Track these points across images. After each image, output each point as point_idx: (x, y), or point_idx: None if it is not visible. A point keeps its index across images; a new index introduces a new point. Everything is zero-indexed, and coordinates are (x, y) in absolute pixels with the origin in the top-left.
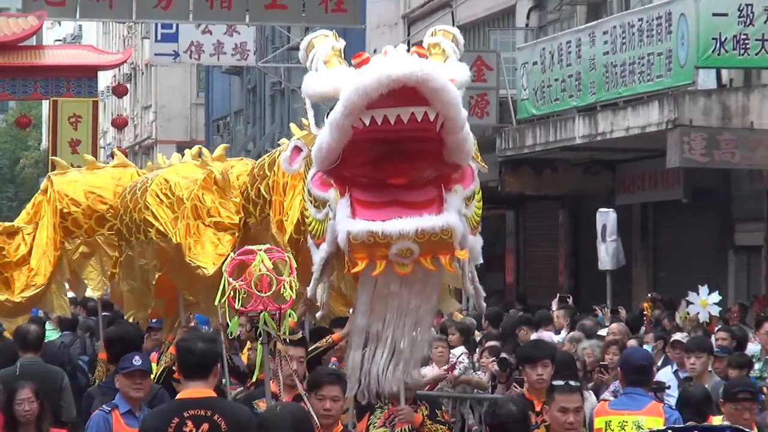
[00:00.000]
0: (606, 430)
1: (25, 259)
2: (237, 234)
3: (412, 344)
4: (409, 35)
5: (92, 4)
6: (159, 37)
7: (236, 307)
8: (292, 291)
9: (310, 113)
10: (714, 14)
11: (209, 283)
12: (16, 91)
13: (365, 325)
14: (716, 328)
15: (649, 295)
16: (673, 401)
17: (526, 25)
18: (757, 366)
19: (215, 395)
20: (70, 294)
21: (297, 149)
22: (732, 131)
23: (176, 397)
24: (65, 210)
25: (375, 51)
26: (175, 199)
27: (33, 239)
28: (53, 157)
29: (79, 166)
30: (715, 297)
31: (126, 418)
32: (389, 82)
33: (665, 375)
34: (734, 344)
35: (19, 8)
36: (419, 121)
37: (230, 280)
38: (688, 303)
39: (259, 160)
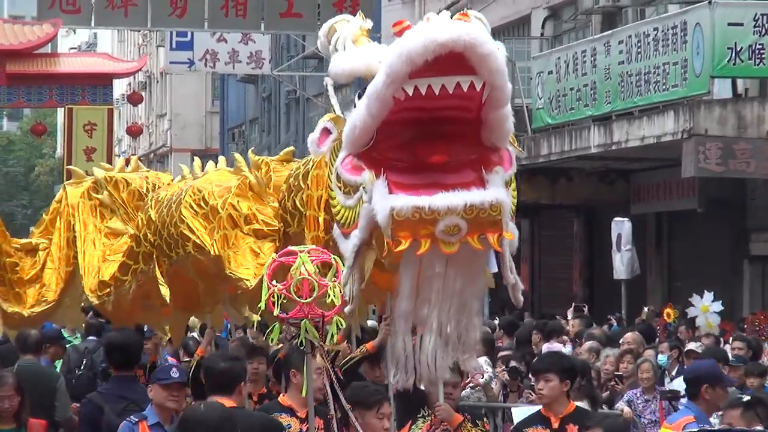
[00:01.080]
0: None
1: (39, 276)
2: (278, 242)
3: (459, 329)
4: None
5: (107, 12)
6: (174, 45)
7: (275, 313)
8: (335, 297)
9: (333, 98)
10: (729, 24)
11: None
12: (32, 99)
13: (410, 310)
14: (731, 338)
15: (645, 308)
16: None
17: (541, 34)
18: None
19: (234, 406)
20: None
21: (326, 131)
22: (747, 141)
23: None
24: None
25: None
26: (209, 209)
27: (47, 254)
28: (69, 167)
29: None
30: (718, 306)
31: (154, 430)
32: (435, 46)
33: (679, 384)
34: (750, 354)
35: (35, 16)
36: (465, 90)
37: (270, 284)
38: (690, 305)
39: (295, 168)
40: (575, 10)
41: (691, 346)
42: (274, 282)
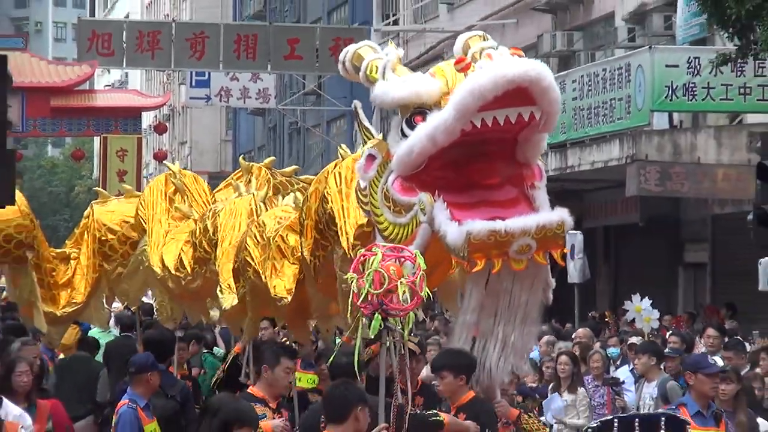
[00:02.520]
0: None
1: (70, 281)
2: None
3: (521, 338)
4: None
5: (137, 54)
6: (193, 83)
7: (358, 302)
8: (407, 294)
9: (366, 121)
10: (666, 65)
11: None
12: (72, 129)
13: (474, 322)
14: (668, 333)
15: (590, 313)
16: (630, 395)
17: None
18: None
19: None
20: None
21: (371, 157)
22: (682, 165)
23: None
24: (103, 238)
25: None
26: (266, 242)
27: (77, 262)
28: (97, 188)
29: (122, 194)
30: (647, 303)
31: (145, 411)
32: (504, 82)
33: (623, 372)
34: (684, 347)
35: (75, 58)
36: (526, 120)
37: (349, 275)
38: (625, 311)
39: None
40: (536, 54)
41: (633, 339)
42: (350, 274)
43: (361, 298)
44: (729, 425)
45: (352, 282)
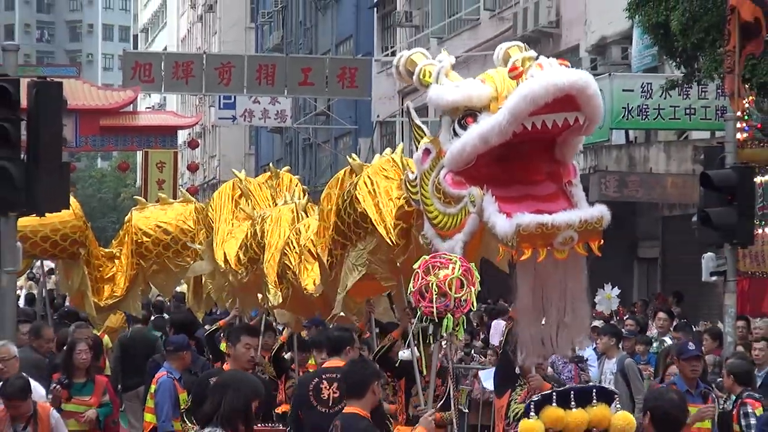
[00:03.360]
0: None
1: (113, 277)
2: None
3: (575, 317)
4: (402, 104)
5: (173, 81)
6: (221, 106)
7: (429, 304)
8: (473, 298)
9: (418, 120)
10: (623, 90)
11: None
12: (118, 144)
13: (530, 305)
14: (625, 317)
15: None
16: (594, 371)
17: None
18: (654, 345)
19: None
20: None
21: (427, 151)
22: (637, 175)
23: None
24: (139, 240)
25: (378, 116)
26: (300, 248)
27: (119, 261)
28: (136, 197)
29: (158, 200)
30: (616, 292)
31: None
32: (555, 90)
33: (587, 351)
34: (638, 329)
35: (120, 84)
36: (571, 124)
37: (425, 278)
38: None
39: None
40: None
41: (596, 323)
42: (427, 278)
43: (435, 300)
44: (717, 401)
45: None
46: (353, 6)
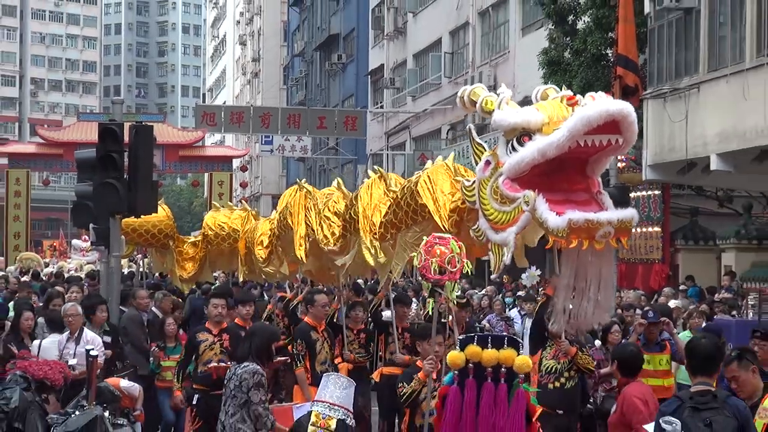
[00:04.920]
0: None
1: (193, 257)
2: (341, 237)
3: (605, 296)
4: (388, 142)
5: (230, 125)
6: (263, 142)
7: (431, 276)
8: (469, 269)
9: (478, 138)
10: None
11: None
12: (191, 168)
13: (570, 284)
14: (540, 289)
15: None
16: (518, 326)
17: (446, 136)
18: None
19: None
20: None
21: (488, 162)
22: None
23: None
24: (206, 233)
25: (370, 149)
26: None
27: (198, 247)
28: (213, 202)
29: (223, 206)
30: (538, 271)
31: None
32: (607, 116)
33: (514, 312)
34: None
35: (193, 127)
36: (613, 144)
37: (428, 256)
38: (518, 276)
39: (352, 195)
40: (463, 126)
41: (520, 293)
42: (427, 256)
43: (434, 272)
44: (674, 347)
45: (432, 265)
46: (354, 74)
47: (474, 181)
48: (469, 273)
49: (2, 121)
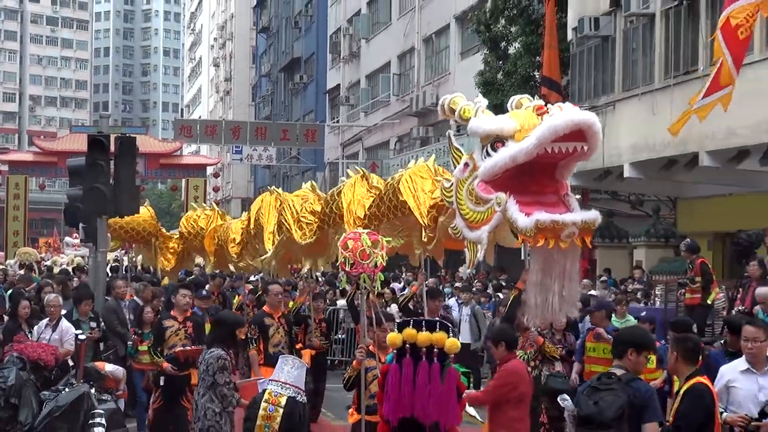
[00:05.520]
0: None
1: (175, 251)
2: (318, 230)
3: (570, 291)
4: (343, 152)
5: (204, 137)
6: (233, 152)
7: (346, 269)
8: (382, 260)
9: (456, 143)
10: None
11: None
12: (170, 175)
13: (539, 281)
14: (475, 281)
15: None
16: (455, 314)
17: (394, 147)
18: (493, 299)
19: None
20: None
21: (466, 165)
22: None
23: None
24: (182, 231)
25: (328, 159)
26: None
27: (177, 242)
28: (192, 204)
29: (198, 208)
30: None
31: None
32: (573, 124)
33: (452, 302)
34: (484, 288)
35: (172, 138)
36: (578, 151)
37: (342, 252)
38: (456, 270)
39: (329, 193)
40: (409, 137)
41: (458, 284)
42: (342, 251)
43: (348, 266)
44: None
45: (344, 259)
46: (314, 93)
47: (452, 183)
48: (382, 263)
49: (3, 132)
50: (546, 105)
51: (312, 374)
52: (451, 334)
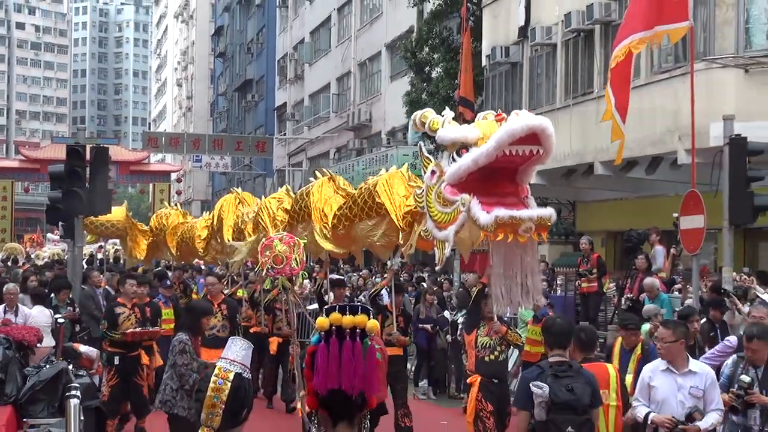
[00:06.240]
0: None
1: (147, 244)
2: (288, 227)
3: (533, 282)
4: (289, 161)
5: (169, 147)
6: (194, 160)
7: (265, 271)
8: (297, 263)
9: (426, 152)
10: (403, 155)
11: None
12: (140, 180)
13: (501, 273)
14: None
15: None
16: (386, 300)
17: (333, 157)
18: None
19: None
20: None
21: (434, 172)
22: None
23: None
24: (152, 227)
25: (276, 167)
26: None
27: (150, 236)
28: (166, 205)
29: (168, 207)
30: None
31: None
32: (528, 128)
33: (383, 291)
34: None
35: (141, 148)
36: (534, 154)
37: (262, 255)
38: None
39: (299, 192)
40: (346, 148)
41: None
42: (260, 256)
43: (268, 269)
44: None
45: (266, 259)
46: (264, 110)
47: (423, 189)
48: (298, 263)
49: None
50: (503, 113)
51: (280, 361)
52: (371, 317)
